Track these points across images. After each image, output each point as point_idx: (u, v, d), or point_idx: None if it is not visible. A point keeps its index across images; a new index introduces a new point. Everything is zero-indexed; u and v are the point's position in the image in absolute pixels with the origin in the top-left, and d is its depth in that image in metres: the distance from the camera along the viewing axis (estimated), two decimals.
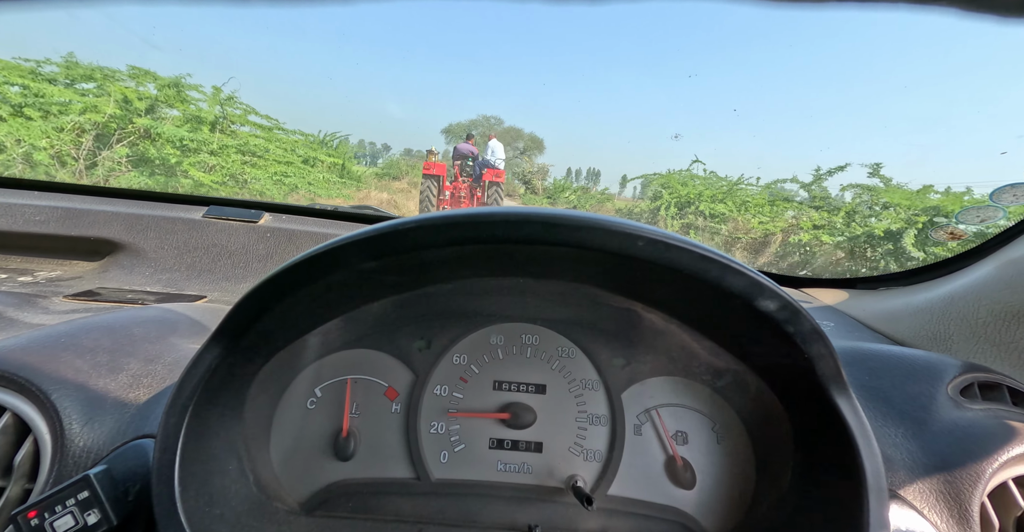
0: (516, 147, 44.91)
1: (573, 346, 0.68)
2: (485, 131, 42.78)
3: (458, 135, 43.17)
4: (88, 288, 1.12)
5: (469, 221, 0.39)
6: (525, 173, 26.08)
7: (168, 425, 0.42)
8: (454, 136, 43.24)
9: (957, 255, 1.07)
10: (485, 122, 45.92)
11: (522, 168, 28.99)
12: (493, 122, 45.76)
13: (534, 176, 24.79)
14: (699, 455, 0.63)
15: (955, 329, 0.90)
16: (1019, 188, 0.90)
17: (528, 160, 40.83)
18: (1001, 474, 0.55)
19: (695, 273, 0.40)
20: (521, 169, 28.02)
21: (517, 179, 27.10)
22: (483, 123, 45.86)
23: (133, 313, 0.76)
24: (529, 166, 29.59)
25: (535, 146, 45.00)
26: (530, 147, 44.97)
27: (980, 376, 0.69)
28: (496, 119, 46.78)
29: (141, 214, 1.36)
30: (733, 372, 0.60)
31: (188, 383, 0.43)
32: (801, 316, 0.42)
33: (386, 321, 0.64)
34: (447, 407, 0.64)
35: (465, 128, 43.51)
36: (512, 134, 45.54)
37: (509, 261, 0.51)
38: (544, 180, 23.51)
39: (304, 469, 0.59)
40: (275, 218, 1.49)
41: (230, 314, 0.43)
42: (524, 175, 25.50)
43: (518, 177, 26.50)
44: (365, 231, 0.40)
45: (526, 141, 45.92)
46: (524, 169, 27.60)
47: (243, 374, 0.52)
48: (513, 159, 43.30)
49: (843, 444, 0.46)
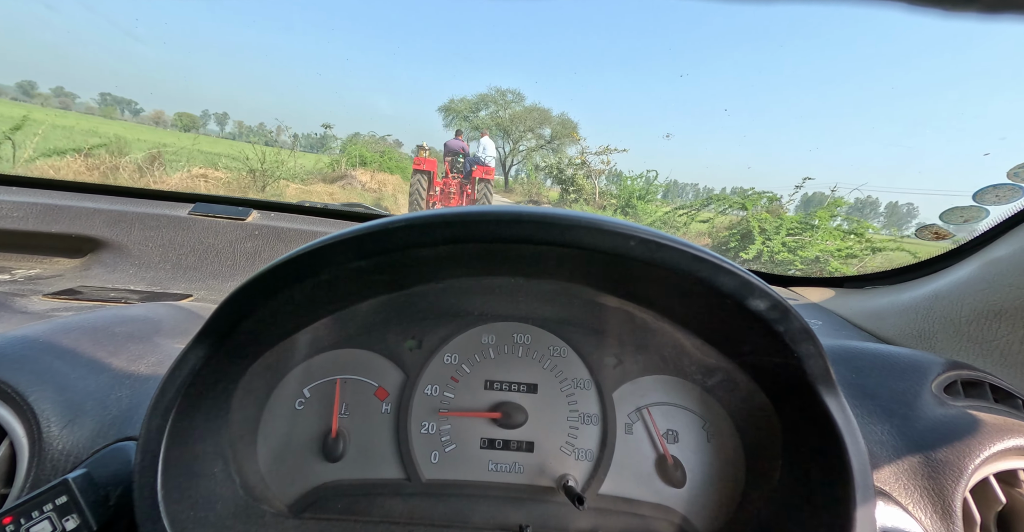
0: (541, 134, 35.53)
1: (565, 345, 0.68)
2: (498, 110, 35.20)
3: (460, 114, 35.87)
4: (69, 286, 1.09)
5: (461, 220, 0.38)
6: (558, 167, 17.24)
7: (151, 428, 0.41)
8: (456, 116, 35.77)
9: (941, 255, 1.09)
10: (499, 97, 35.32)
11: (552, 161, 19.70)
12: (511, 98, 35.69)
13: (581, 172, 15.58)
14: (689, 453, 0.63)
15: (939, 327, 0.92)
16: (1001, 189, 0.92)
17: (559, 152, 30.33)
18: (983, 470, 0.56)
19: (687, 272, 0.40)
20: (552, 163, 19.21)
21: (549, 178, 19.20)
22: (496, 99, 35.42)
23: (116, 312, 0.74)
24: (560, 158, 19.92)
25: (565, 132, 33.63)
26: (560, 134, 34.08)
27: (963, 374, 0.70)
28: (515, 94, 35.94)
29: (124, 211, 1.33)
30: (723, 371, 0.60)
31: (171, 384, 0.42)
32: (791, 315, 0.42)
33: (376, 321, 0.64)
34: (438, 407, 0.64)
35: (472, 104, 35.86)
36: (536, 116, 35.42)
37: (501, 260, 0.51)
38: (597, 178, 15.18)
39: (292, 471, 0.58)
40: (263, 215, 1.46)
41: (215, 314, 0.42)
42: (557, 171, 16.98)
43: (550, 175, 18.59)
44: (354, 229, 0.39)
45: (554, 126, 35.32)
46: (555, 162, 18.45)
47: (229, 375, 0.51)
48: (538, 149, 34.80)
49: (831, 442, 0.47)
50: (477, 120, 36.07)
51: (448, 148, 10.80)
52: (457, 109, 37.03)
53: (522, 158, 37.31)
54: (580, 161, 15.74)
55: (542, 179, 23.89)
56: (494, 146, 10.81)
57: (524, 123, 35.97)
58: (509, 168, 37.84)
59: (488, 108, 36.87)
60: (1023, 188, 0.88)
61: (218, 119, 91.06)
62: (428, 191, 9.91)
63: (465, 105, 37.11)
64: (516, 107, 36.47)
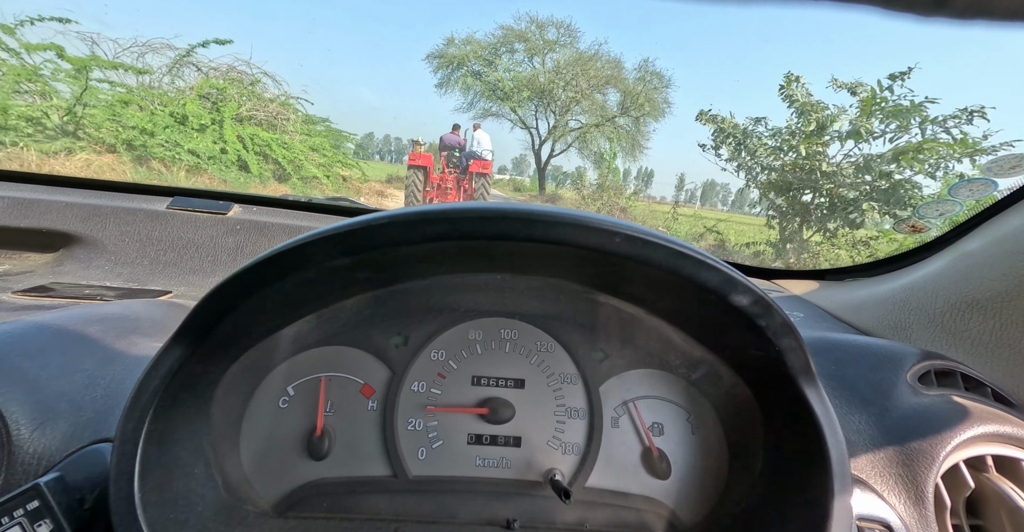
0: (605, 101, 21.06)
1: (552, 340, 0.68)
2: (532, 56, 20.93)
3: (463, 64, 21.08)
4: (40, 283, 1.05)
5: (444, 217, 0.38)
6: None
7: (126, 429, 0.40)
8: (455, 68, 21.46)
9: (918, 247, 1.12)
10: (535, 33, 20.64)
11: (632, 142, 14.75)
12: (556, 35, 20.83)
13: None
14: (674, 446, 0.64)
15: (915, 318, 0.94)
16: (975, 183, 0.95)
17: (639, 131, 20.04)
18: (953, 456, 0.58)
19: (670, 269, 0.40)
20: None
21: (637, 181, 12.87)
22: (529, 36, 20.74)
23: (90, 310, 0.71)
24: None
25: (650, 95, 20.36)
26: (640, 99, 20.42)
27: (936, 363, 0.72)
28: (563, 29, 20.91)
29: (99, 205, 1.29)
30: (707, 364, 0.61)
31: (148, 385, 0.41)
32: (773, 310, 0.43)
33: (361, 318, 0.63)
34: (425, 403, 0.64)
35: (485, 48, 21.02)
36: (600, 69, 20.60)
37: (486, 257, 0.50)
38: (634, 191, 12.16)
39: (276, 470, 0.58)
40: (245, 210, 1.43)
41: (193, 313, 0.41)
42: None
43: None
44: (336, 227, 0.38)
45: (630, 87, 21.02)
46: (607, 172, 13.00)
47: (209, 374, 0.49)
48: (601, 126, 21.36)
49: (810, 433, 0.48)
50: (492, 76, 21.35)
51: (444, 143, 10.60)
52: (458, 57, 21.23)
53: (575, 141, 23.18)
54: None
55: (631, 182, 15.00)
56: (488, 138, 10.58)
57: (579, 80, 20.70)
58: (546, 162, 24.24)
59: (513, 53, 21.33)
60: (995, 182, 0.91)
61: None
62: (424, 187, 9.77)
63: (474, 48, 21.10)
64: (563, 52, 20.89)
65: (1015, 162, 0.88)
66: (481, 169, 9.86)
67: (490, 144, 10.51)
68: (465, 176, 10.10)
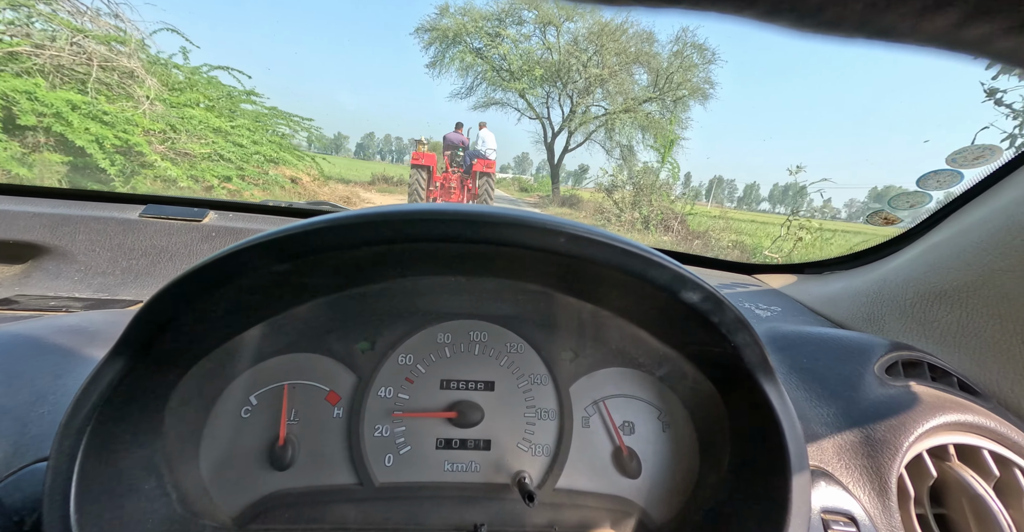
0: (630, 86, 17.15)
1: (522, 341, 0.67)
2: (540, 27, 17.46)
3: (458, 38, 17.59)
4: (5, 296, 1.02)
5: (384, 220, 0.37)
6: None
7: (61, 448, 0.39)
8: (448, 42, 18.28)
9: (891, 239, 1.13)
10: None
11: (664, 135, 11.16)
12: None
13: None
14: (645, 444, 0.64)
15: (887, 310, 0.95)
16: (942, 174, 0.96)
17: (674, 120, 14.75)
18: (917, 446, 0.58)
19: (619, 268, 0.39)
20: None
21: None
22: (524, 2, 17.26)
23: (46, 322, 0.69)
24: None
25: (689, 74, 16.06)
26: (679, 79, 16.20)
27: (903, 354, 0.73)
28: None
29: (69, 214, 1.26)
30: (672, 361, 0.61)
31: (85, 401, 0.40)
32: (724, 306, 0.43)
33: (323, 323, 0.62)
34: (392, 409, 0.63)
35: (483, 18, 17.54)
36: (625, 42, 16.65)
37: (436, 260, 0.50)
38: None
39: (238, 481, 0.56)
40: (221, 216, 1.41)
41: (130, 325, 0.40)
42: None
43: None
44: (270, 233, 0.37)
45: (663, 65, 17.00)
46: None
47: (157, 387, 0.48)
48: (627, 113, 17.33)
49: (770, 427, 0.48)
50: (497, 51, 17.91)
51: (447, 142, 10.46)
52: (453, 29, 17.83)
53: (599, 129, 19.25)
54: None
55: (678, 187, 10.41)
56: (493, 137, 10.42)
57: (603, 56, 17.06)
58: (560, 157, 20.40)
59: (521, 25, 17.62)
60: (961, 174, 0.92)
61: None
62: (428, 186, 9.68)
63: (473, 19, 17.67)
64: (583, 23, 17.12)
65: (978, 153, 0.90)
66: (485, 168, 9.78)
67: (495, 143, 10.42)
68: (469, 176, 10.01)
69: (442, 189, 10.05)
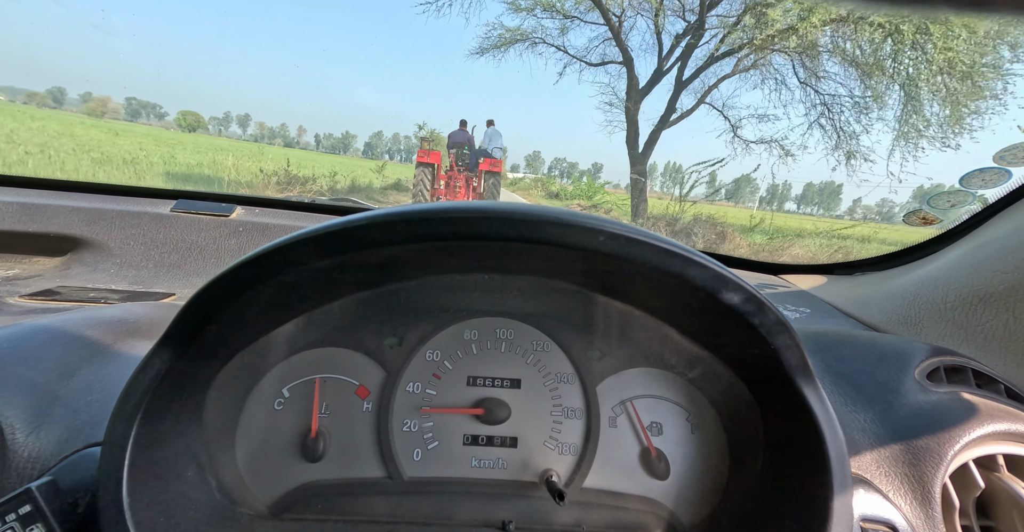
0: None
1: (548, 339, 0.67)
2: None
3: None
4: (48, 287, 1.07)
5: (425, 217, 0.37)
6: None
7: (114, 433, 0.40)
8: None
9: (928, 240, 1.08)
10: None
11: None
12: None
13: None
14: (673, 446, 0.63)
15: (925, 313, 0.92)
16: (988, 173, 0.91)
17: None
18: (963, 455, 0.56)
19: (658, 267, 0.39)
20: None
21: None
22: None
23: (89, 314, 0.72)
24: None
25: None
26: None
27: (946, 360, 0.70)
28: None
29: (104, 209, 1.31)
30: (705, 362, 0.60)
31: (135, 389, 0.41)
32: (766, 308, 0.41)
33: (354, 319, 0.63)
34: (420, 404, 0.63)
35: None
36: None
37: (473, 257, 0.50)
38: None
39: (272, 472, 0.58)
40: (248, 211, 1.44)
41: (177, 317, 0.41)
42: None
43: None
44: (316, 228, 0.37)
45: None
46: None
47: (199, 377, 0.49)
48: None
49: (809, 432, 0.46)
50: None
51: (452, 140, 10.32)
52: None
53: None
54: None
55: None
56: (501, 136, 10.13)
57: None
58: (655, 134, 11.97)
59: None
60: (1009, 171, 0.88)
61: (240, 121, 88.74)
62: (432, 185, 9.58)
63: None
64: None
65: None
66: (492, 167, 9.59)
67: (502, 141, 10.26)
68: (474, 174, 9.87)
69: (447, 188, 9.90)
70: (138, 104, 61.49)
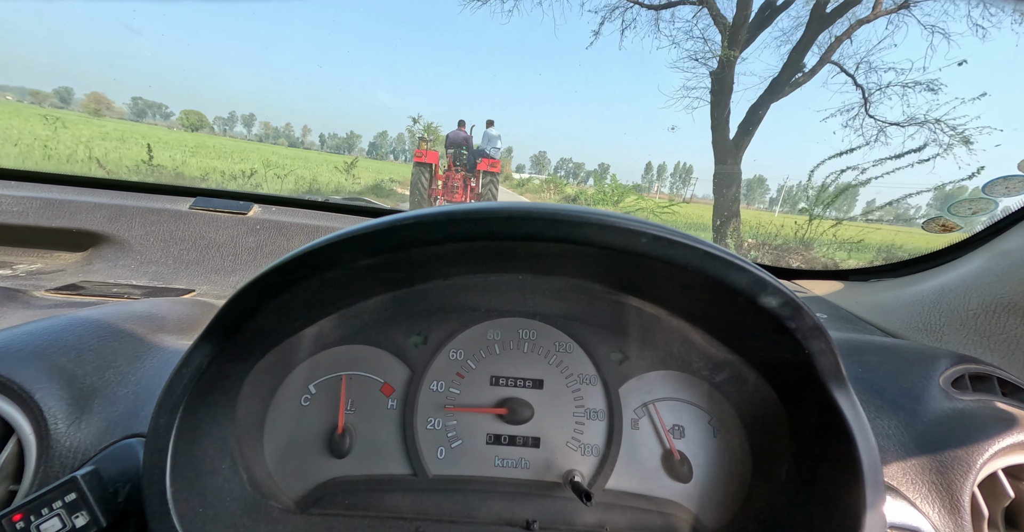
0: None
1: (571, 341, 0.67)
2: None
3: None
4: (71, 281, 1.08)
5: (470, 217, 0.37)
6: None
7: (158, 425, 0.41)
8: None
9: (948, 247, 1.08)
10: None
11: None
12: None
13: None
14: (696, 449, 0.63)
15: (946, 320, 0.91)
16: (1011, 180, 0.91)
17: None
18: (992, 464, 0.56)
19: (698, 270, 0.39)
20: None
21: None
22: None
23: (119, 308, 0.73)
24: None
25: None
26: None
27: (971, 367, 0.70)
28: None
29: (125, 205, 1.33)
30: (732, 366, 0.60)
31: (178, 382, 0.42)
32: (803, 312, 0.42)
33: (382, 317, 0.63)
34: (444, 403, 0.64)
35: None
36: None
37: (509, 257, 0.50)
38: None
39: (299, 467, 0.58)
40: (264, 210, 1.45)
41: (221, 312, 0.42)
42: None
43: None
44: (362, 227, 0.38)
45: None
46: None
47: (235, 372, 0.50)
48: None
49: (840, 438, 0.46)
50: None
51: (450, 140, 10.25)
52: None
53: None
54: None
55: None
56: (501, 136, 10.11)
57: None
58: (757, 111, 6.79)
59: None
60: None
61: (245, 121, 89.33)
62: (430, 185, 9.57)
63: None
64: None
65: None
66: (490, 167, 9.55)
67: (500, 142, 10.22)
68: (473, 175, 9.80)
69: (445, 188, 9.81)
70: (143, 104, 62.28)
